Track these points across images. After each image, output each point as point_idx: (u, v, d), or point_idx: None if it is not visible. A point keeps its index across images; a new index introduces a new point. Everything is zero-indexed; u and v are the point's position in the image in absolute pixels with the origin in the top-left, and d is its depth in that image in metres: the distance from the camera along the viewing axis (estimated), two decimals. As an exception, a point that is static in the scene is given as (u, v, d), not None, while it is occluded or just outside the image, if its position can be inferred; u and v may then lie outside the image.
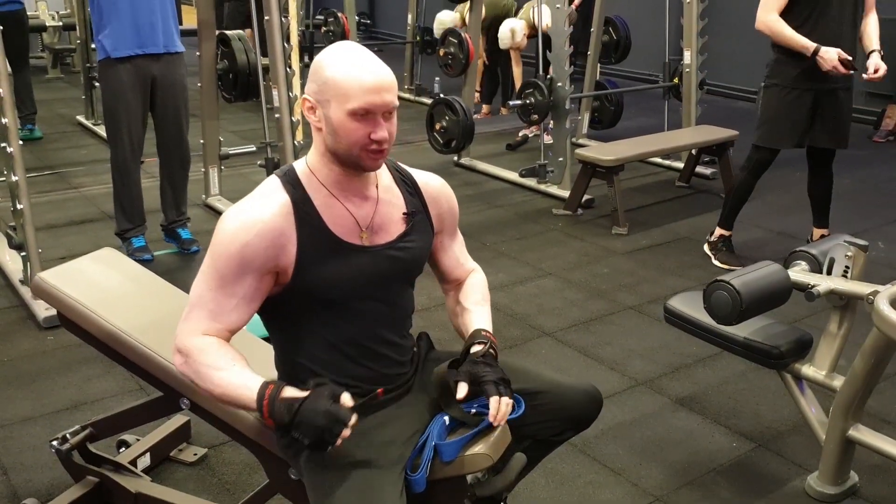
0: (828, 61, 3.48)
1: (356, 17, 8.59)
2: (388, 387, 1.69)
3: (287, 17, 3.85)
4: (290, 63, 3.87)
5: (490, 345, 1.73)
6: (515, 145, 6.37)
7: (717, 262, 4.07)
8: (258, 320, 1.73)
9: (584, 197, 4.88)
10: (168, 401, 2.05)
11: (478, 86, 7.10)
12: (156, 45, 3.75)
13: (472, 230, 4.55)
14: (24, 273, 3.54)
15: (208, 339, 1.58)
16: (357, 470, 1.54)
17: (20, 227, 3.40)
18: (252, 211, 1.57)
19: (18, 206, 3.37)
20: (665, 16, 5.96)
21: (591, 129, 6.48)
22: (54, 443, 2.16)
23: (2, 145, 3.32)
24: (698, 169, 5.44)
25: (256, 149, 4.64)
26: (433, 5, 8.40)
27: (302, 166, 1.65)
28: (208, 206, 4.77)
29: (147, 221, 4.09)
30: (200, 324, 1.58)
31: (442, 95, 5.52)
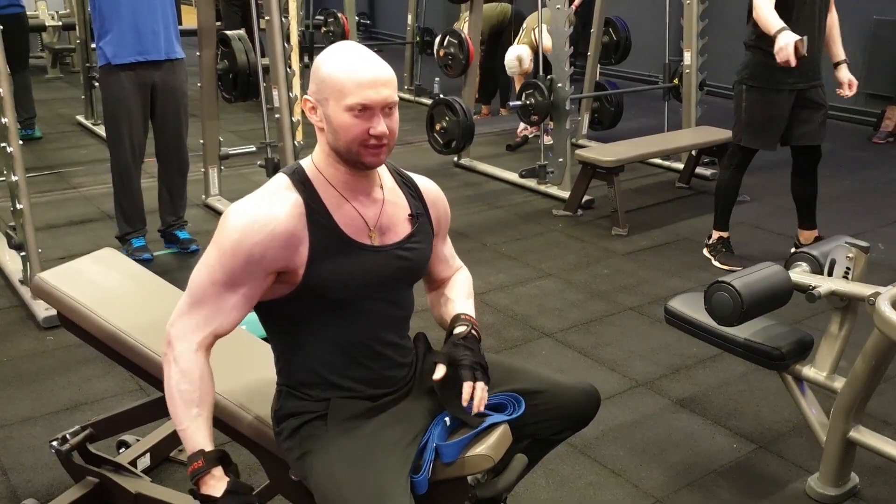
0: (781, 41, 3.29)
1: (356, 18, 8.59)
2: (389, 388, 1.69)
3: (287, 18, 3.85)
4: (290, 63, 3.87)
5: (472, 327, 1.75)
6: (515, 146, 6.37)
7: (718, 264, 4.07)
8: (258, 321, 1.73)
9: (584, 198, 4.88)
10: (168, 401, 2.04)
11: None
12: (157, 52, 3.75)
13: (472, 231, 4.55)
14: (23, 273, 3.53)
15: (196, 363, 1.57)
16: (365, 472, 1.53)
17: (20, 226, 3.40)
18: (264, 209, 1.56)
19: (18, 206, 3.37)
20: (665, 17, 5.95)
21: (591, 129, 6.48)
22: (54, 443, 2.16)
23: (2, 145, 3.31)
24: (698, 170, 5.44)
25: (256, 149, 4.63)
26: (433, 5, 8.40)
27: (309, 165, 1.64)
28: (208, 207, 4.76)
29: (147, 222, 4.09)
30: (197, 322, 1.58)
31: (442, 96, 5.51)
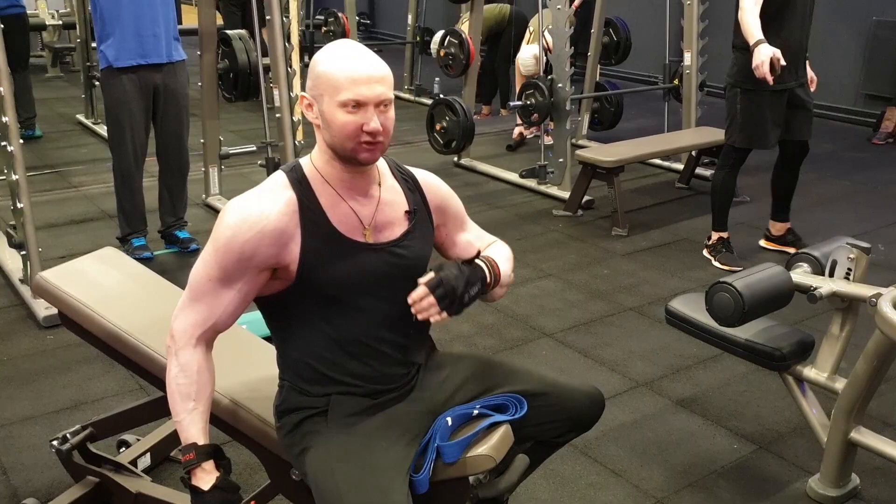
0: (759, 56, 3.42)
1: (356, 18, 8.59)
2: (389, 386, 1.69)
3: (288, 17, 3.85)
4: (290, 63, 3.87)
5: (486, 264, 1.71)
6: (515, 145, 6.37)
7: (718, 264, 4.07)
8: (259, 319, 1.73)
9: (584, 198, 4.88)
10: (169, 401, 2.04)
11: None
12: (159, 55, 3.75)
13: (472, 231, 4.54)
14: (23, 272, 3.53)
15: (194, 357, 1.61)
16: (364, 470, 1.54)
17: (20, 226, 3.39)
18: (257, 207, 1.57)
19: (19, 205, 3.36)
20: (665, 17, 5.96)
21: (591, 130, 6.48)
22: (54, 442, 2.16)
23: (2, 144, 3.31)
24: (698, 170, 5.44)
25: (257, 148, 4.63)
26: (433, 6, 8.39)
27: (307, 163, 1.65)
28: (208, 206, 4.76)
29: (147, 222, 4.08)
30: (196, 317, 1.62)
31: (442, 96, 5.51)
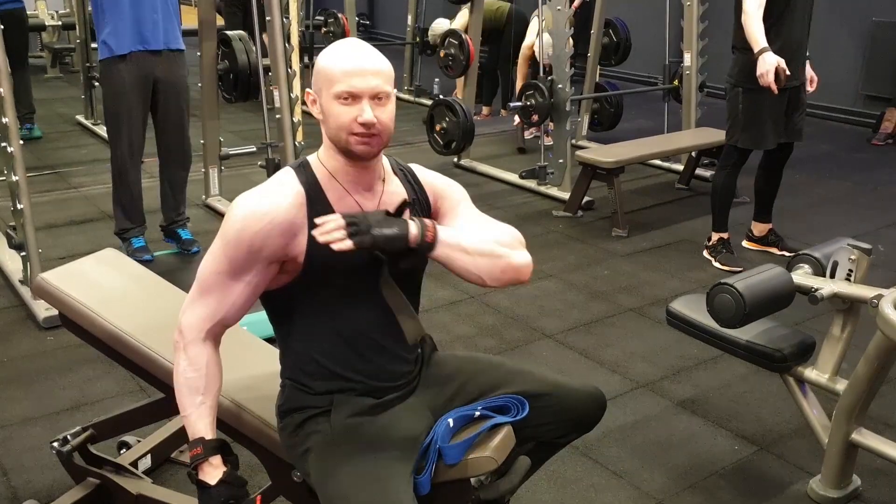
0: (764, 65, 3.50)
1: (356, 18, 8.58)
2: (391, 384, 1.70)
3: (288, 18, 3.84)
4: (290, 63, 3.87)
5: (419, 222, 1.56)
6: (522, 142, 6.30)
7: (718, 265, 4.07)
8: (260, 321, 1.73)
9: (584, 199, 4.88)
10: (170, 402, 2.03)
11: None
12: (157, 41, 3.75)
13: (472, 232, 4.54)
14: (23, 273, 3.53)
15: (203, 352, 1.64)
16: (369, 471, 1.54)
17: (20, 226, 3.39)
18: (266, 200, 1.59)
19: (19, 206, 3.36)
20: (665, 18, 5.96)
21: (591, 130, 6.47)
22: (55, 444, 2.15)
23: (2, 145, 3.31)
24: (698, 171, 5.44)
25: (257, 149, 4.63)
26: (433, 6, 8.39)
27: (314, 160, 1.68)
28: (208, 207, 4.76)
29: (147, 222, 4.08)
30: (205, 311, 1.63)
31: (442, 97, 5.51)
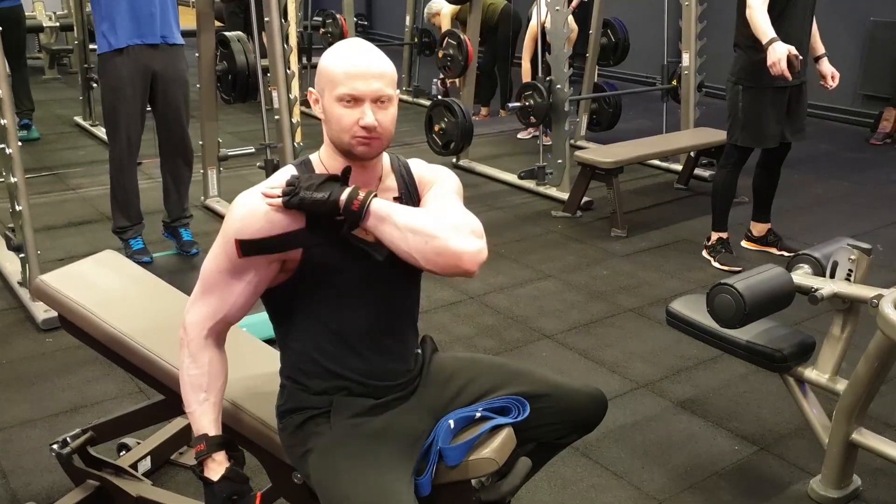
0: (775, 54, 3.44)
1: (354, 19, 8.57)
2: (390, 384, 1.69)
3: (287, 20, 3.84)
4: (289, 64, 3.86)
5: (351, 192, 1.53)
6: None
7: (717, 265, 4.07)
8: (259, 322, 1.73)
9: (583, 199, 4.88)
10: (170, 404, 2.04)
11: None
12: (154, 35, 3.74)
13: (471, 232, 4.53)
14: (22, 275, 3.52)
15: (206, 349, 1.66)
16: (370, 472, 1.54)
17: (19, 228, 3.38)
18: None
19: (17, 208, 3.35)
20: (663, 18, 5.96)
21: (590, 131, 6.47)
22: (54, 446, 2.15)
23: (0, 146, 3.30)
24: (697, 171, 5.45)
25: (255, 150, 4.62)
26: (431, 7, 8.38)
27: (315, 158, 1.68)
28: (207, 208, 4.76)
29: (145, 222, 4.07)
30: (208, 310, 1.65)
31: (440, 97, 5.51)
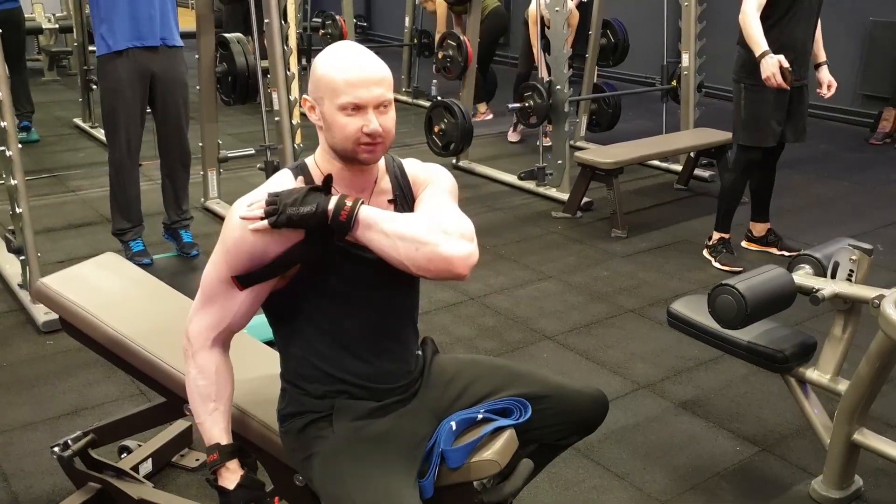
0: (767, 68, 3.53)
1: (353, 20, 8.57)
2: (391, 386, 1.69)
3: (287, 21, 3.84)
4: (289, 66, 3.86)
5: (338, 202, 1.50)
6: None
7: (718, 265, 4.07)
8: (260, 324, 1.73)
9: (583, 200, 4.87)
10: (171, 407, 2.04)
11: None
12: (153, 37, 3.73)
13: (471, 233, 4.53)
14: (22, 277, 3.52)
15: (211, 359, 1.66)
16: (374, 475, 1.54)
17: (19, 230, 3.38)
18: None
19: (17, 210, 3.35)
20: (663, 19, 5.96)
21: (589, 131, 6.46)
22: (55, 449, 2.15)
23: (0, 149, 3.30)
24: (697, 171, 5.45)
25: (255, 152, 4.62)
26: (430, 8, 8.37)
27: (311, 162, 1.67)
28: (207, 210, 4.75)
29: (145, 224, 4.07)
30: (210, 319, 1.64)
31: (440, 98, 5.50)
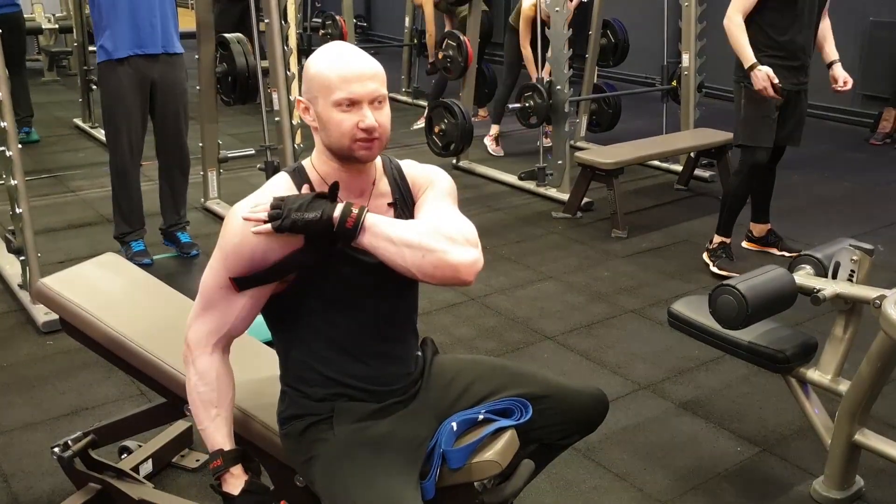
0: (759, 82, 3.56)
1: (353, 20, 8.56)
2: (391, 388, 1.69)
3: (286, 21, 3.84)
4: (289, 66, 3.86)
5: (345, 209, 1.50)
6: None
7: (716, 269, 4.02)
8: (260, 324, 1.73)
9: (584, 200, 4.87)
10: (171, 407, 2.04)
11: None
12: (154, 45, 3.74)
13: (471, 233, 4.53)
14: (22, 277, 3.51)
15: (212, 365, 1.65)
16: (375, 477, 1.53)
17: (19, 231, 3.37)
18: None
19: (17, 210, 3.34)
20: (663, 19, 5.96)
21: (589, 132, 6.46)
22: (56, 449, 2.15)
23: (0, 149, 3.29)
24: (697, 172, 5.44)
25: (255, 152, 4.62)
26: (430, 8, 8.36)
27: (308, 165, 1.67)
28: (207, 210, 4.75)
29: (146, 225, 4.07)
30: (210, 326, 1.64)
31: (440, 98, 5.50)
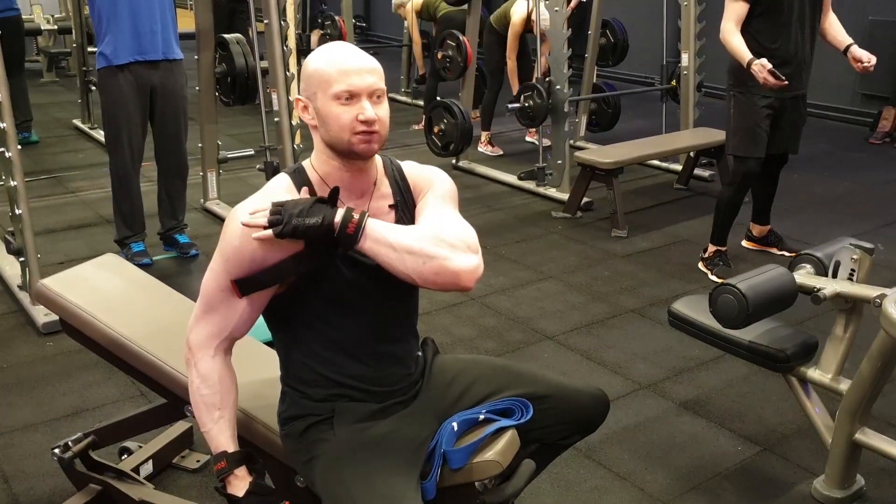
0: (759, 73, 3.52)
1: (353, 21, 8.56)
2: (392, 388, 1.69)
3: (286, 21, 3.84)
4: (288, 66, 3.86)
5: (346, 214, 1.50)
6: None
7: (714, 278, 3.94)
8: (260, 324, 1.72)
9: (583, 200, 4.87)
10: (172, 408, 2.04)
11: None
12: (155, 52, 3.74)
13: (471, 233, 4.53)
14: (22, 278, 3.51)
15: (214, 367, 1.64)
16: (376, 478, 1.53)
17: (19, 232, 3.37)
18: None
19: (17, 211, 3.34)
20: (663, 18, 5.96)
21: (589, 131, 6.46)
22: (56, 450, 2.15)
23: (0, 150, 3.29)
24: (696, 171, 5.44)
25: (255, 152, 4.62)
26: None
27: (308, 166, 1.67)
28: (207, 210, 4.75)
29: (146, 226, 4.07)
30: (212, 328, 1.63)
31: (439, 98, 5.50)
